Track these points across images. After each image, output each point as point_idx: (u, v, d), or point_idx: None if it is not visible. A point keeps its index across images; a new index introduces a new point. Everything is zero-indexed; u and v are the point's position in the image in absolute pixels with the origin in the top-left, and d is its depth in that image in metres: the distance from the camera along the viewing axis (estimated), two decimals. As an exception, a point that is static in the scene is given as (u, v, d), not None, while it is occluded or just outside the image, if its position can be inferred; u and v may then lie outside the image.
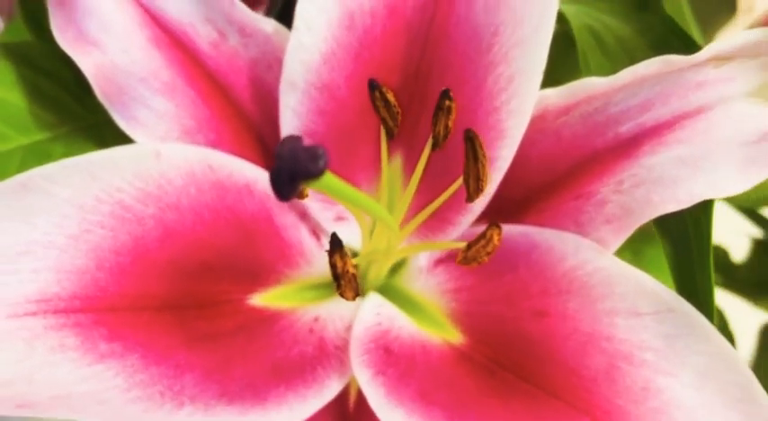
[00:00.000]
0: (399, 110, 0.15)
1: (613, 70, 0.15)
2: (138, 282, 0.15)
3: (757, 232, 0.31)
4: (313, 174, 0.10)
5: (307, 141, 0.14)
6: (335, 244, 0.15)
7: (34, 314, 0.13)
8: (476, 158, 0.14)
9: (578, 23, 0.18)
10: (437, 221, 0.17)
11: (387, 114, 0.14)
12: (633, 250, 0.20)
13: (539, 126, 0.16)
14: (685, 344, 0.14)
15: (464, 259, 0.16)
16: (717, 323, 0.20)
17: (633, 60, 0.16)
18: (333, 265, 0.15)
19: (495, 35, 0.16)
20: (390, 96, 0.14)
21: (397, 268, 0.19)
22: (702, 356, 0.14)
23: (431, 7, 0.16)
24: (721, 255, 0.31)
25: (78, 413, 0.12)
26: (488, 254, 0.16)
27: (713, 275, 0.14)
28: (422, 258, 0.18)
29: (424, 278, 0.18)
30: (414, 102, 0.18)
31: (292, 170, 0.10)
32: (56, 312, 0.13)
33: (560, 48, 0.19)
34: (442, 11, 0.16)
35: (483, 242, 0.15)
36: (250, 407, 0.15)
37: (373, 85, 0.14)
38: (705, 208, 0.14)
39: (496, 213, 0.17)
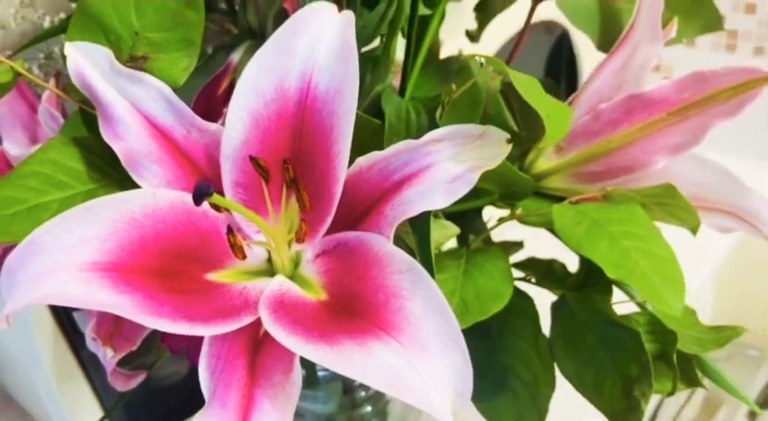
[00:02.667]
0: (268, 169, 0.28)
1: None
2: (140, 259, 0.27)
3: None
4: (205, 193, 0.23)
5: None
6: (230, 230, 0.28)
7: (89, 270, 0.26)
8: (299, 192, 0.27)
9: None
10: (309, 232, 0.31)
11: (261, 172, 0.27)
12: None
13: (359, 176, 0.30)
14: (419, 286, 0.26)
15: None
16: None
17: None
18: (230, 242, 0.28)
19: (332, 128, 0.29)
20: (262, 163, 0.28)
21: (298, 262, 0.32)
22: (426, 291, 0.26)
23: (300, 115, 0.29)
24: (560, 267, 0.44)
25: (109, 310, 0.25)
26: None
27: (432, 251, 0.27)
28: (308, 253, 0.31)
29: (309, 265, 0.31)
30: (303, 162, 0.31)
31: (198, 192, 0.23)
32: (99, 270, 0.26)
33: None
34: (307, 117, 0.29)
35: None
36: (198, 324, 0.27)
37: (251, 158, 0.28)
38: (426, 216, 0.27)
39: (341, 226, 0.30)
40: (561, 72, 0.78)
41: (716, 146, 0.41)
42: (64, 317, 0.46)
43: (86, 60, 0.27)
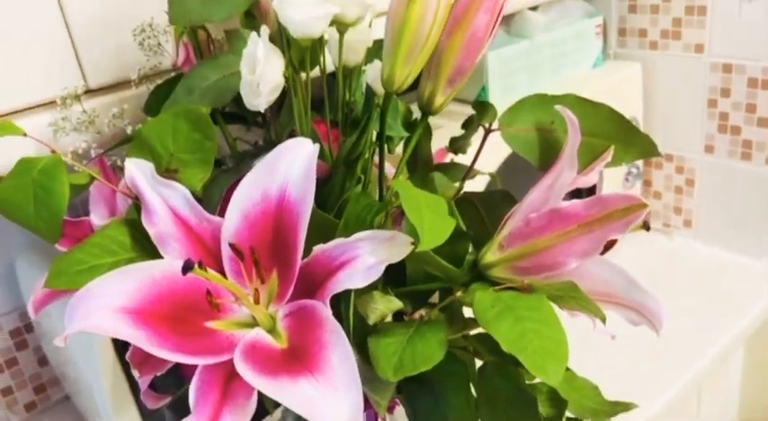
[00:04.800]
0: (243, 252, 0.40)
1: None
2: (155, 307, 0.40)
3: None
4: (190, 267, 0.36)
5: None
6: (208, 292, 0.40)
7: (120, 312, 0.39)
8: (258, 269, 0.39)
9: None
10: (278, 297, 0.42)
11: (237, 254, 0.40)
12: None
13: (316, 259, 0.41)
14: (339, 342, 0.37)
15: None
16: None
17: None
18: (208, 301, 0.40)
19: (297, 224, 0.41)
20: (237, 247, 0.40)
21: (275, 319, 0.44)
22: (342, 347, 0.37)
23: (278, 214, 0.42)
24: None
25: (130, 340, 0.37)
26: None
27: (351, 316, 0.38)
28: (281, 313, 0.43)
29: (281, 322, 0.43)
30: (277, 248, 0.43)
31: (185, 266, 0.35)
32: (126, 313, 0.39)
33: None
34: (282, 215, 0.42)
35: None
36: (192, 357, 0.39)
37: (230, 244, 0.40)
38: (350, 291, 0.38)
39: (304, 294, 0.42)
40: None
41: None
42: (122, 349, 0.59)
43: (137, 170, 0.41)
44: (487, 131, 0.51)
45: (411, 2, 0.41)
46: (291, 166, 0.41)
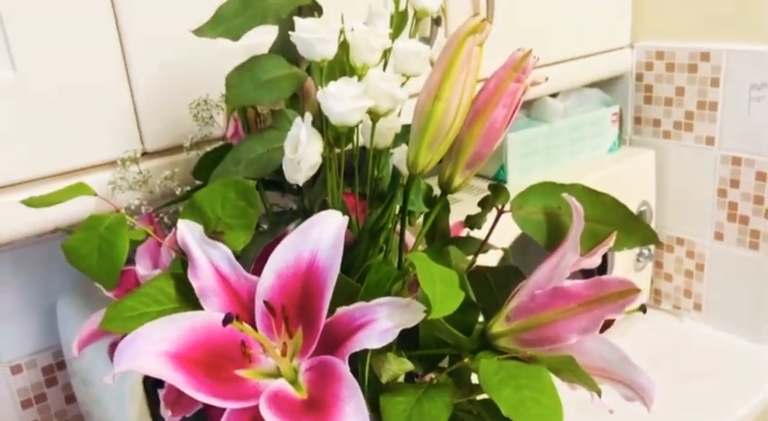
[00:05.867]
0: (275, 308, 0.45)
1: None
2: (193, 354, 0.44)
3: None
4: (229, 320, 0.40)
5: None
6: (243, 344, 0.45)
7: (162, 356, 0.43)
8: (288, 325, 0.44)
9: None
10: (302, 352, 0.47)
11: (270, 310, 0.45)
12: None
13: (338, 319, 0.46)
14: (355, 396, 0.42)
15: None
16: None
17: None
18: (242, 351, 0.45)
19: (324, 287, 0.46)
20: (270, 304, 0.45)
21: (298, 371, 0.48)
22: (357, 400, 0.41)
23: (307, 276, 0.47)
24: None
25: (168, 380, 0.42)
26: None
27: (367, 372, 0.42)
28: (303, 366, 0.47)
29: (303, 375, 0.47)
30: (304, 306, 0.48)
31: (225, 319, 0.40)
32: (167, 357, 0.43)
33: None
34: (311, 278, 0.47)
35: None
36: (222, 400, 0.44)
37: (265, 302, 0.45)
38: (366, 351, 0.43)
39: (327, 351, 0.47)
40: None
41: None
42: (151, 391, 0.64)
43: (188, 230, 0.47)
44: (500, 212, 0.56)
45: (436, 99, 0.47)
46: (322, 235, 0.46)
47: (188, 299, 0.47)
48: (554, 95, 1.05)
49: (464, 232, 0.67)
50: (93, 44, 0.58)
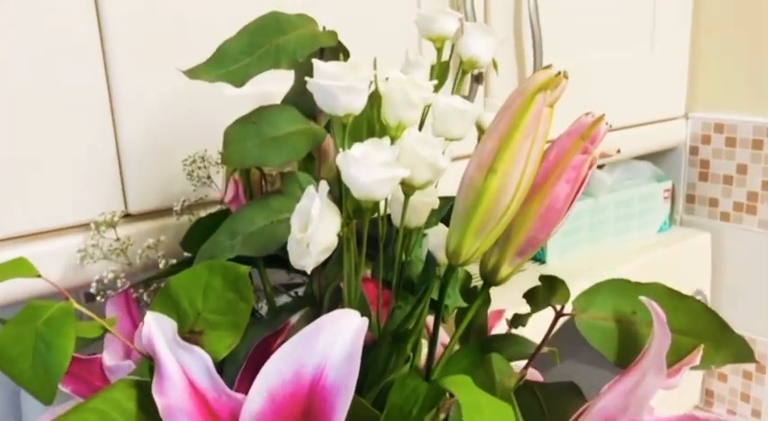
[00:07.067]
0: None
1: None
2: None
3: None
4: None
5: None
6: None
7: None
8: None
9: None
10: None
11: None
12: None
13: None
14: None
15: None
16: None
17: None
18: None
19: (333, 414, 0.34)
20: None
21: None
22: None
23: (309, 398, 0.35)
24: None
25: None
26: None
27: None
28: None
29: None
30: None
31: None
32: None
33: None
34: (315, 401, 0.35)
35: None
36: None
37: None
38: None
39: None
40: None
41: None
42: None
43: (157, 328, 0.35)
44: (559, 314, 0.44)
45: (491, 172, 0.36)
46: (333, 345, 0.35)
47: (153, 416, 0.36)
48: (600, 166, 0.94)
49: (502, 323, 0.56)
50: (73, 80, 0.49)
